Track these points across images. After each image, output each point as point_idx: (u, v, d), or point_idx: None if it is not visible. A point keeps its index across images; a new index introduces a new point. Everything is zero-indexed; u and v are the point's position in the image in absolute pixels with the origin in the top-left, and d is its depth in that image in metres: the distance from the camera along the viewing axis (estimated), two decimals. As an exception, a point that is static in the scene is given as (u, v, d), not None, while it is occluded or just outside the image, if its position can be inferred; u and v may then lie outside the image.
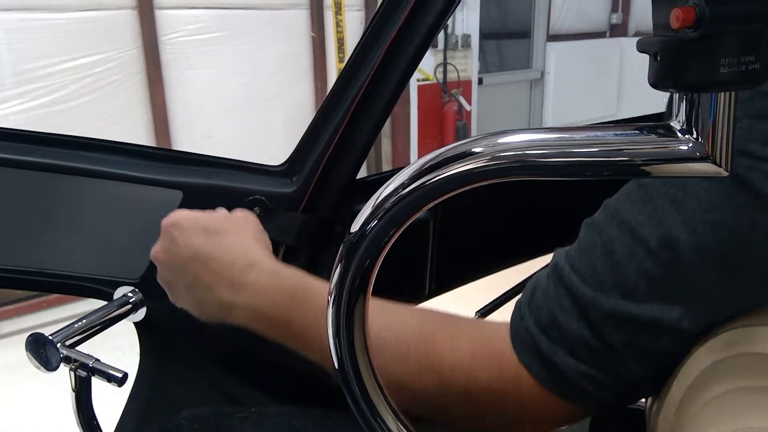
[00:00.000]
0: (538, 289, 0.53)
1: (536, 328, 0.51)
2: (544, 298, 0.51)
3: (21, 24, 2.90)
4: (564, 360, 0.49)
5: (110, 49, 3.19)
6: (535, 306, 0.52)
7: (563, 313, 0.49)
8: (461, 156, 0.39)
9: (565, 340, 0.49)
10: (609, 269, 0.47)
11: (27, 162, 0.86)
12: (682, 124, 0.35)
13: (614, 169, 0.37)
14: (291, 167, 0.87)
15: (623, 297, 0.46)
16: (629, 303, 0.46)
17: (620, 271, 0.46)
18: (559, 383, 0.50)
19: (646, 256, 0.45)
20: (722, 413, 0.40)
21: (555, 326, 0.50)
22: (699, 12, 0.31)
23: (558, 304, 0.50)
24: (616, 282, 0.47)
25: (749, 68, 0.32)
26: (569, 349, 0.49)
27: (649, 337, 0.46)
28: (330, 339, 0.44)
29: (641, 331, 0.46)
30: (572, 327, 0.49)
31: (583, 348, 0.49)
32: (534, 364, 0.51)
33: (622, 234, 0.47)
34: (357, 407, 0.45)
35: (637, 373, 0.48)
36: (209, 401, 0.94)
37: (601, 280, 0.47)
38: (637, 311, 0.46)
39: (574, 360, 0.49)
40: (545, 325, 0.50)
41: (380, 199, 0.41)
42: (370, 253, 0.42)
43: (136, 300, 0.87)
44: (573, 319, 0.49)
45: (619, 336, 0.47)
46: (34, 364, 0.75)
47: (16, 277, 0.90)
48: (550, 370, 0.50)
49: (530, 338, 0.51)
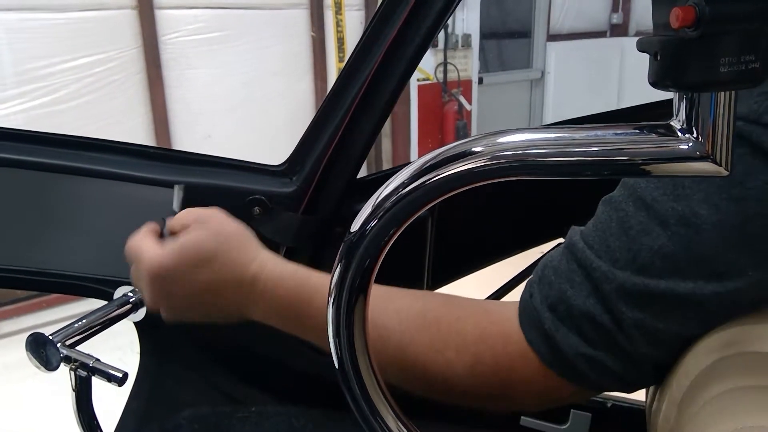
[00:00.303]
0: (548, 266, 0.53)
1: (543, 304, 0.51)
2: (555, 274, 0.51)
3: (21, 24, 2.90)
4: (566, 339, 0.49)
5: (110, 49, 3.19)
6: (546, 282, 0.52)
7: (573, 288, 0.49)
8: (461, 156, 0.39)
9: (572, 316, 0.49)
10: (624, 245, 0.47)
11: (27, 162, 0.85)
12: (683, 123, 0.35)
13: (614, 168, 0.37)
14: (291, 167, 0.87)
15: (637, 273, 0.46)
16: (642, 278, 0.46)
17: (635, 247, 0.46)
18: (559, 362, 0.50)
19: (662, 232, 0.45)
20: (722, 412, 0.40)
21: (563, 302, 0.49)
22: (699, 11, 0.31)
23: (568, 279, 0.50)
24: (630, 258, 0.46)
25: (749, 67, 0.32)
26: (575, 327, 0.49)
27: (660, 312, 0.46)
28: (330, 338, 0.44)
29: (652, 306, 0.46)
30: (581, 302, 0.48)
31: (589, 325, 0.48)
32: (538, 341, 0.51)
33: (637, 210, 0.47)
34: (357, 407, 0.45)
35: (643, 353, 0.48)
36: (209, 401, 0.94)
37: (615, 255, 0.47)
38: (650, 285, 0.45)
39: (577, 338, 0.49)
40: (553, 302, 0.50)
41: (380, 198, 0.41)
42: (370, 253, 0.42)
43: (136, 299, 0.86)
44: (582, 294, 0.48)
45: (630, 311, 0.46)
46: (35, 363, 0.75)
47: (17, 276, 0.90)
48: (553, 348, 0.50)
49: (536, 315, 0.51)
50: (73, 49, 3.05)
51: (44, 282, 0.91)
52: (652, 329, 0.46)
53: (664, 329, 0.46)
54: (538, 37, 5.71)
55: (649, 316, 0.46)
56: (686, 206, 0.44)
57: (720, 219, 0.43)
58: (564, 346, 0.49)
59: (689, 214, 0.44)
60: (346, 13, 4.07)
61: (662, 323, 0.46)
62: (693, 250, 0.44)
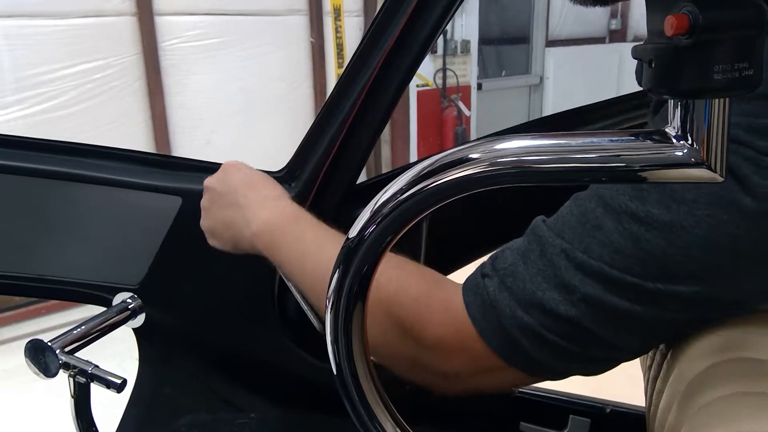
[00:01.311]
0: (506, 247, 0.54)
1: (494, 277, 0.52)
2: (510, 251, 0.53)
3: (21, 30, 2.91)
4: (508, 309, 0.50)
5: (110, 55, 3.19)
6: (499, 257, 0.53)
7: (526, 264, 0.50)
8: (458, 162, 0.39)
9: (519, 289, 0.50)
10: (579, 236, 0.48)
11: (27, 168, 0.86)
12: (677, 130, 0.35)
13: (610, 174, 0.38)
14: (290, 173, 0.87)
15: (591, 258, 0.47)
16: (597, 262, 0.47)
17: (587, 239, 0.48)
18: (495, 331, 0.51)
19: (614, 227, 0.46)
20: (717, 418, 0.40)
21: (512, 275, 0.51)
22: (693, 19, 0.31)
23: (523, 255, 0.51)
24: (583, 249, 0.48)
25: (743, 74, 0.32)
26: (520, 300, 0.50)
27: (611, 292, 0.47)
28: (328, 344, 0.45)
29: (605, 284, 0.47)
30: (529, 277, 0.50)
31: (534, 298, 0.49)
32: (476, 309, 0.52)
33: (597, 206, 0.48)
34: (355, 412, 0.45)
35: (586, 328, 0.48)
36: (208, 407, 0.94)
37: (572, 243, 0.48)
38: (603, 269, 0.47)
39: (520, 310, 0.49)
40: (503, 274, 0.51)
41: (378, 204, 0.41)
42: (368, 259, 0.42)
43: (135, 306, 0.87)
44: (533, 270, 0.50)
45: (582, 286, 0.47)
46: (33, 370, 0.75)
47: (16, 283, 0.90)
48: (491, 317, 0.51)
49: (481, 283, 0.52)
50: (73, 56, 3.06)
51: (43, 288, 0.91)
52: (600, 306, 0.47)
53: (612, 308, 0.47)
54: (536, 43, 5.72)
55: (600, 291, 0.47)
56: (640, 205, 0.45)
57: (671, 219, 0.44)
58: (505, 317, 0.50)
59: (642, 212, 0.45)
60: (345, 20, 4.09)
61: (612, 301, 0.47)
62: (642, 248, 0.45)
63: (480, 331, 0.52)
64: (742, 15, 0.31)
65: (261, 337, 0.91)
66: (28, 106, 2.99)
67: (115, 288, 0.88)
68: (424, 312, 0.55)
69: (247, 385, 0.95)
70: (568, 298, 0.48)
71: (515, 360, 0.51)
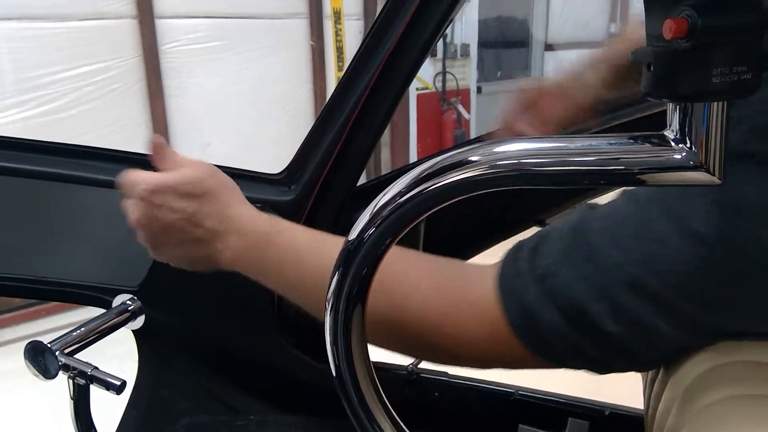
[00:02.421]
0: (546, 238, 0.49)
1: (530, 274, 0.48)
2: (552, 246, 0.48)
3: (21, 33, 2.91)
4: (547, 315, 0.47)
5: (110, 58, 3.20)
6: (541, 252, 0.48)
7: (568, 266, 0.46)
8: (458, 165, 0.39)
9: (559, 294, 0.46)
10: (640, 247, 0.44)
11: (27, 171, 0.86)
12: (676, 133, 0.35)
13: (609, 178, 0.38)
14: (290, 175, 0.87)
15: (648, 275, 0.43)
16: (654, 279, 0.43)
17: (652, 251, 0.43)
18: (531, 334, 0.48)
19: (682, 246, 0.42)
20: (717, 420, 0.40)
21: (553, 276, 0.47)
22: (691, 23, 0.31)
23: (566, 255, 0.47)
24: (642, 260, 0.44)
25: (741, 78, 0.32)
26: (559, 305, 0.46)
27: (660, 314, 0.44)
28: (328, 346, 0.45)
29: (656, 304, 0.43)
30: (574, 282, 0.46)
31: (577, 307, 0.46)
32: (513, 309, 0.48)
33: (661, 217, 0.44)
34: (354, 414, 0.45)
35: (629, 346, 0.46)
36: (207, 410, 0.94)
37: (629, 253, 0.44)
38: (657, 288, 0.43)
39: (559, 316, 0.46)
40: (542, 274, 0.47)
41: (377, 207, 0.42)
42: (368, 262, 0.42)
43: (134, 308, 0.87)
44: (577, 275, 0.46)
45: (632, 302, 0.44)
46: (33, 372, 0.75)
47: (16, 284, 0.90)
48: (528, 320, 0.48)
49: (519, 282, 0.48)
50: (73, 58, 3.06)
51: (43, 290, 0.91)
52: (646, 328, 0.44)
53: (656, 331, 0.45)
54: (536, 47, 5.73)
55: (651, 315, 0.44)
56: (711, 226, 0.41)
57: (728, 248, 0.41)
58: (543, 322, 0.47)
59: (712, 235, 0.41)
60: (345, 23, 4.09)
61: (659, 325, 0.44)
62: (704, 273, 0.42)
63: (519, 336, 0.49)
64: (741, 18, 0.31)
65: (260, 340, 0.91)
66: (29, 108, 2.99)
67: (114, 290, 0.88)
68: (453, 315, 0.52)
69: (247, 387, 0.95)
70: (614, 316, 0.44)
71: (547, 357, 0.49)
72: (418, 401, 0.93)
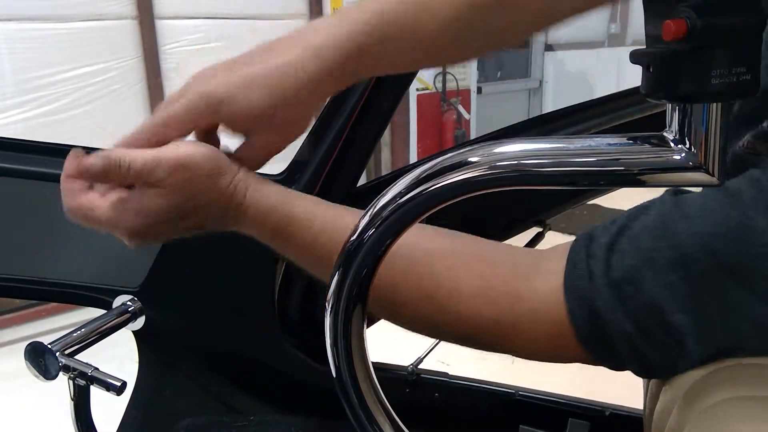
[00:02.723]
0: (627, 235, 0.45)
1: (605, 277, 0.44)
2: (631, 244, 0.44)
3: (22, 34, 2.92)
4: (618, 324, 0.44)
5: (111, 59, 3.20)
6: (619, 251, 0.44)
7: (654, 269, 0.42)
8: (458, 165, 0.40)
9: (635, 301, 0.43)
10: (740, 252, 0.40)
11: (27, 171, 0.86)
12: (675, 134, 0.36)
13: (609, 178, 0.38)
14: (290, 176, 0.87)
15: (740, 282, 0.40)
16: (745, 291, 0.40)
17: (753, 264, 0.40)
18: (596, 342, 0.45)
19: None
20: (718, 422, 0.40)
21: (633, 282, 0.43)
22: (690, 24, 0.31)
23: (649, 258, 0.43)
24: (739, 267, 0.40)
25: (741, 79, 0.32)
26: (634, 314, 0.43)
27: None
28: (328, 347, 0.45)
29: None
30: (657, 290, 0.42)
31: (655, 318, 0.42)
32: (580, 315, 0.45)
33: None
34: (354, 415, 0.45)
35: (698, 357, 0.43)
36: (208, 410, 0.94)
37: (722, 256, 0.40)
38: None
39: (632, 326, 0.43)
40: (619, 277, 0.44)
41: (377, 208, 0.42)
42: (368, 263, 0.42)
43: (135, 309, 0.87)
44: (662, 282, 0.42)
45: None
46: (33, 372, 0.75)
47: (16, 285, 0.91)
48: (596, 328, 0.45)
49: (590, 286, 0.45)
50: (74, 59, 3.07)
51: (43, 291, 0.91)
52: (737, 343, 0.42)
53: (750, 345, 0.42)
54: (536, 47, 5.74)
55: (741, 331, 0.41)
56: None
57: None
58: (613, 331, 0.44)
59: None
60: (345, 23, 4.09)
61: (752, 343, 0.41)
62: None
63: (582, 342, 0.46)
64: (740, 19, 0.32)
65: (261, 340, 0.91)
66: (29, 109, 2.99)
67: (115, 290, 0.88)
68: (507, 317, 0.49)
69: (247, 387, 0.95)
70: (698, 332, 0.42)
71: (607, 361, 0.47)
72: (418, 402, 0.93)
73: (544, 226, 0.99)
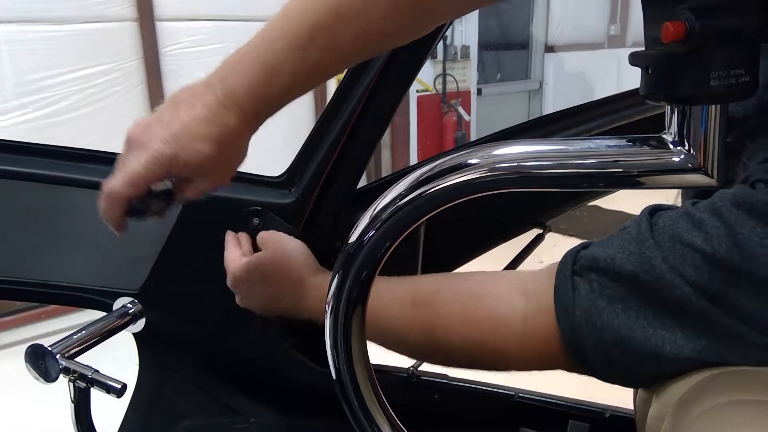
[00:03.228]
0: (607, 261, 0.47)
1: (590, 293, 0.47)
2: (618, 270, 0.46)
3: (22, 36, 2.92)
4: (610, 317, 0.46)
5: (111, 61, 3.20)
6: (601, 269, 0.47)
7: (626, 310, 0.45)
8: (457, 168, 0.40)
9: (615, 327, 0.46)
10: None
11: (28, 174, 0.86)
12: (674, 135, 0.36)
13: (609, 180, 0.38)
14: (290, 178, 0.87)
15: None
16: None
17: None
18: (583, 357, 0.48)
19: None
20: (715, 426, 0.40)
21: (600, 316, 0.46)
22: (689, 26, 0.31)
23: (631, 284, 0.45)
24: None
25: (739, 81, 0.32)
26: (624, 348, 0.46)
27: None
28: (328, 349, 0.45)
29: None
30: (632, 315, 0.45)
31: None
32: (565, 324, 0.48)
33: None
34: (354, 417, 0.46)
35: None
36: (208, 412, 0.94)
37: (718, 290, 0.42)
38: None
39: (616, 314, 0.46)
40: (600, 308, 0.46)
41: (377, 210, 0.42)
42: (368, 265, 0.42)
43: (135, 311, 0.87)
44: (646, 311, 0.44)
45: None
46: (34, 375, 0.75)
47: (16, 288, 0.91)
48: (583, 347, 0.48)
49: (572, 290, 0.48)
50: (74, 61, 3.07)
51: (44, 293, 0.91)
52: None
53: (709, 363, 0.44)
54: (536, 49, 5.74)
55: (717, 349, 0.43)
56: None
57: None
58: (590, 345, 0.47)
59: None
60: (345, 25, 4.09)
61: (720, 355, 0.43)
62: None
63: (568, 349, 0.49)
64: (738, 22, 0.32)
65: (261, 342, 0.91)
66: (30, 111, 2.99)
67: (115, 293, 0.88)
68: (496, 338, 0.54)
69: (247, 389, 0.95)
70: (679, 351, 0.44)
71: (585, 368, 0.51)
72: (418, 404, 0.93)
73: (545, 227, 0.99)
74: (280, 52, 0.52)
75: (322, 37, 0.50)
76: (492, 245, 1.05)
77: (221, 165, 0.59)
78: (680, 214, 0.43)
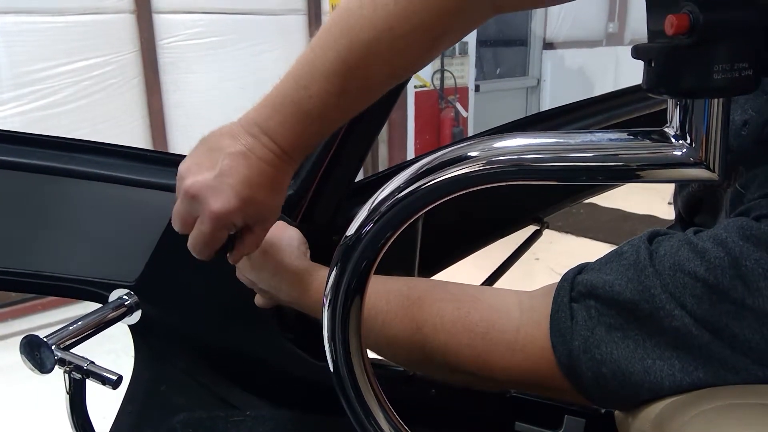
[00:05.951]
0: (600, 280, 0.48)
1: (587, 322, 0.48)
2: (614, 293, 0.47)
3: (19, 27, 2.90)
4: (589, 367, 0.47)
5: (108, 53, 3.19)
6: (599, 296, 0.47)
7: (626, 337, 0.46)
8: (457, 160, 0.39)
9: (613, 350, 0.46)
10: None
11: (24, 164, 0.85)
12: (676, 129, 0.35)
13: (609, 173, 0.38)
14: (288, 171, 0.87)
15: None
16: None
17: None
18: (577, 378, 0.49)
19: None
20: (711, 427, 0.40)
21: (600, 344, 0.47)
22: (693, 19, 0.31)
23: (630, 309, 0.45)
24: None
25: (742, 75, 0.32)
26: (617, 372, 0.46)
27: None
28: (326, 342, 0.44)
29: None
30: (637, 340, 0.45)
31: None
32: (561, 349, 0.49)
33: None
34: (352, 410, 0.45)
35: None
36: (204, 405, 0.94)
37: (710, 315, 0.42)
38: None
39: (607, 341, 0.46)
40: (599, 337, 0.47)
41: (376, 202, 0.41)
42: (366, 256, 0.42)
43: (131, 303, 0.86)
44: (648, 339, 0.45)
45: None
46: (29, 366, 0.74)
47: (12, 279, 0.90)
48: (576, 369, 0.48)
49: (570, 336, 0.48)
50: (71, 53, 3.05)
51: (40, 285, 0.90)
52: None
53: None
54: (534, 46, 5.73)
55: (711, 375, 0.43)
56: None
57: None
58: (585, 375, 0.48)
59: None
60: (343, 19, 4.07)
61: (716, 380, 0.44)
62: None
63: (564, 372, 0.50)
64: (743, 15, 0.31)
65: (258, 335, 0.91)
66: (26, 102, 2.98)
67: (111, 284, 0.88)
68: (482, 343, 0.54)
69: (243, 382, 0.95)
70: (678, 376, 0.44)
71: (589, 397, 0.51)
72: (414, 398, 0.93)
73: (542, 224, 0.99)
74: (317, 98, 0.56)
75: (356, 78, 0.54)
76: (489, 241, 1.05)
77: (276, 208, 0.63)
78: (681, 243, 0.44)
